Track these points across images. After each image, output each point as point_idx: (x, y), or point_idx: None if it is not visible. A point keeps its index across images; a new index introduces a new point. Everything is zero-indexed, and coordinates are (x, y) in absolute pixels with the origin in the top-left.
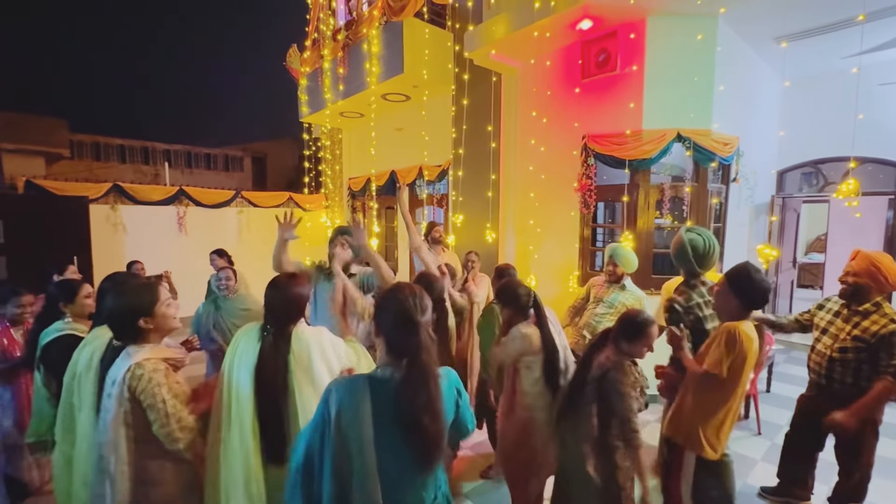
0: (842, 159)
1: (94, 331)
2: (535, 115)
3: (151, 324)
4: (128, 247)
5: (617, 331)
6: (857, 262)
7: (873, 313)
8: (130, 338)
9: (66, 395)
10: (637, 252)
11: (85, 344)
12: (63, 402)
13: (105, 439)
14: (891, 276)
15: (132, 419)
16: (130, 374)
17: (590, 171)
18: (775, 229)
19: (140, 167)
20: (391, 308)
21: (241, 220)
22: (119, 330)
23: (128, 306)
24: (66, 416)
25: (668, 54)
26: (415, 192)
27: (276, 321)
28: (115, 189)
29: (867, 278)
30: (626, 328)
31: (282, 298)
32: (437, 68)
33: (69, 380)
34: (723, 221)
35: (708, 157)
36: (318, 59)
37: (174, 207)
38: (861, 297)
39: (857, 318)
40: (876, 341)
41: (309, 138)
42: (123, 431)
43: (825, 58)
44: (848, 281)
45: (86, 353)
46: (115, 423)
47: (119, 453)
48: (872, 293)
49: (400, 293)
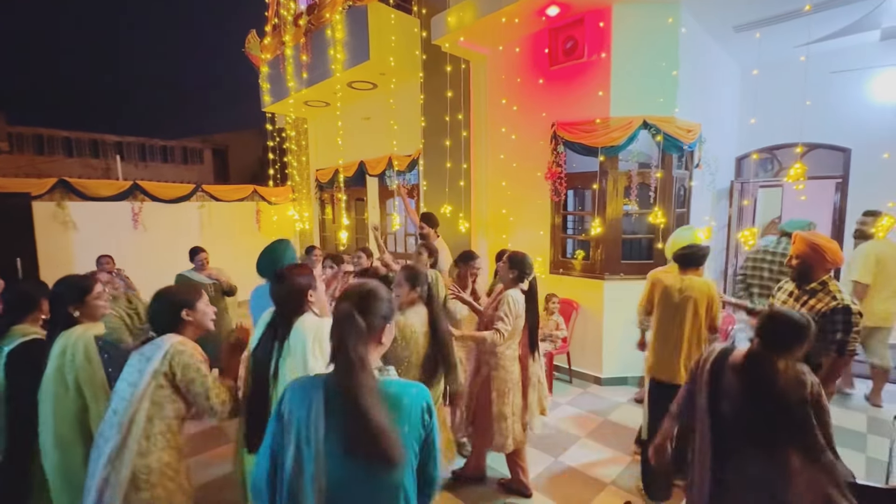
0: (792, 145)
1: (66, 335)
2: (506, 102)
3: (192, 317)
4: (78, 245)
5: (795, 336)
6: (797, 245)
7: (819, 291)
8: (168, 328)
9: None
10: (606, 238)
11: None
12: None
13: (122, 417)
14: (829, 253)
15: (157, 396)
16: (174, 350)
17: (559, 159)
18: (735, 213)
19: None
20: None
21: (203, 215)
22: (162, 324)
23: (174, 300)
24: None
25: (634, 42)
26: (385, 183)
27: (280, 312)
28: (62, 185)
29: (811, 258)
30: (805, 332)
31: (281, 290)
32: (405, 55)
33: (63, 390)
34: (687, 206)
35: (673, 143)
36: (279, 45)
37: (128, 203)
38: (808, 277)
39: (805, 296)
40: (820, 318)
41: (273, 129)
42: (146, 406)
43: (780, 46)
44: (793, 264)
45: (80, 349)
46: (141, 396)
47: (134, 431)
48: (818, 272)
49: (347, 291)
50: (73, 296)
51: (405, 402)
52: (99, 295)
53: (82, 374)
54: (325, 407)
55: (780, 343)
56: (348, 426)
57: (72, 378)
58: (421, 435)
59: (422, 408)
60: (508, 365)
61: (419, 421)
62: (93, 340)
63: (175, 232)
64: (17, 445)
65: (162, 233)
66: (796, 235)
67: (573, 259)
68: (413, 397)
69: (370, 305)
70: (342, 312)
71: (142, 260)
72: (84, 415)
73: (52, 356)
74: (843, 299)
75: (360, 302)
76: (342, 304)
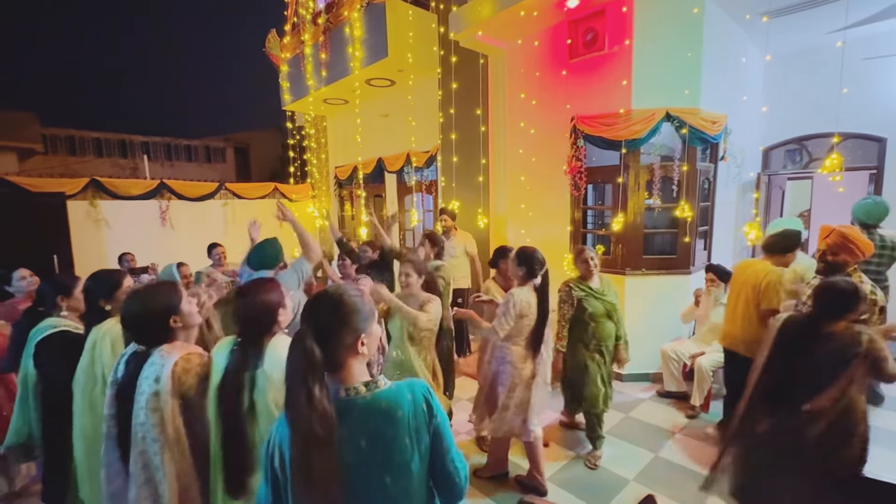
0: (826, 135)
1: (96, 329)
2: (524, 97)
3: (181, 322)
4: (110, 243)
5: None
6: (832, 238)
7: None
8: (159, 340)
9: (84, 398)
10: (627, 233)
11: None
12: (84, 406)
13: (155, 444)
14: (861, 244)
15: (175, 408)
16: (180, 368)
17: (579, 153)
18: (761, 206)
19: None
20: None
21: (227, 213)
22: (148, 332)
23: (158, 307)
24: (92, 418)
25: (656, 32)
26: (403, 180)
27: (246, 332)
28: (93, 184)
29: (844, 253)
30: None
31: (249, 306)
32: (423, 51)
33: (92, 383)
34: (711, 200)
35: (697, 135)
36: (298, 44)
37: (156, 201)
38: (838, 271)
39: None
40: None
41: (293, 127)
42: (180, 422)
43: (810, 33)
44: (827, 259)
45: (108, 343)
46: (171, 416)
47: (182, 446)
48: (848, 265)
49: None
50: (103, 290)
51: (399, 415)
52: (129, 289)
53: (108, 369)
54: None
55: (830, 309)
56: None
57: (100, 371)
58: (426, 439)
59: (422, 411)
60: (517, 362)
61: (423, 423)
62: (121, 334)
63: (200, 229)
64: (51, 435)
65: (188, 230)
66: (831, 230)
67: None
68: (408, 403)
69: (336, 331)
70: (297, 358)
71: (170, 256)
72: None
73: (86, 349)
74: (865, 286)
75: (318, 333)
76: (299, 352)
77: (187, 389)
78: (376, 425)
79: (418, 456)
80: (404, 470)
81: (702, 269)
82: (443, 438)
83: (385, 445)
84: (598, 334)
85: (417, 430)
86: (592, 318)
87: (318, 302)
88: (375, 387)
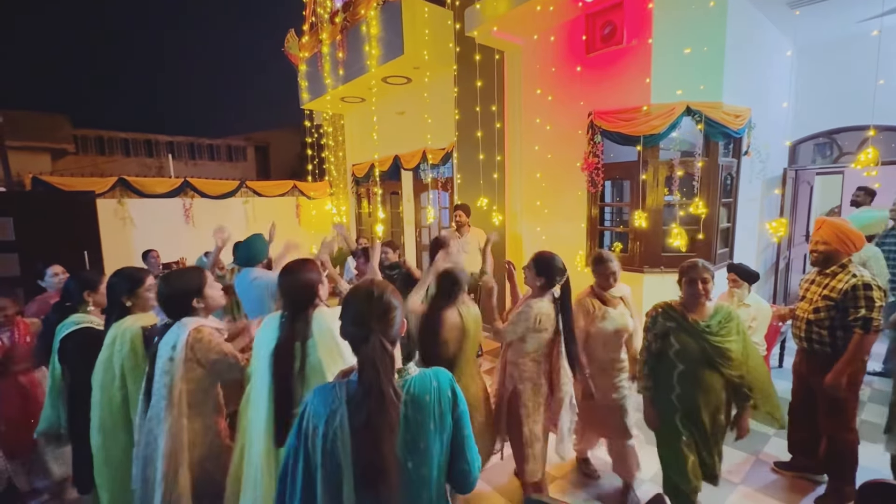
0: (857, 128)
1: (117, 325)
2: (540, 92)
3: (202, 303)
4: (137, 240)
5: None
6: (825, 230)
7: (839, 273)
8: (185, 314)
9: (103, 392)
10: (646, 230)
11: (115, 340)
12: (101, 400)
13: (163, 401)
14: (854, 238)
15: (191, 375)
16: (192, 338)
17: (596, 149)
18: (787, 203)
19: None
20: (349, 308)
21: (248, 211)
22: (174, 309)
23: (184, 288)
24: (109, 412)
25: (677, 24)
26: (419, 177)
27: (292, 306)
28: (121, 183)
29: (836, 244)
30: None
31: (292, 283)
32: (439, 48)
33: (110, 378)
34: (734, 197)
35: (719, 130)
36: (316, 43)
37: (180, 199)
38: (830, 262)
39: (826, 279)
40: (841, 297)
41: (311, 125)
42: (184, 386)
43: (841, 23)
44: (819, 249)
45: (127, 340)
46: (178, 380)
47: (181, 407)
48: (840, 256)
49: (359, 291)
50: (125, 287)
51: (427, 400)
52: (150, 287)
53: (127, 364)
54: (348, 423)
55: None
56: (363, 459)
57: (119, 367)
58: (449, 426)
59: (447, 398)
60: (535, 378)
61: (447, 411)
62: (140, 331)
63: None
64: (77, 426)
65: (210, 227)
66: (823, 222)
67: (611, 252)
68: (434, 391)
69: (389, 321)
70: (371, 346)
71: (193, 253)
72: (127, 404)
73: (105, 344)
74: (862, 276)
75: (381, 323)
76: (364, 332)
77: (200, 357)
78: (406, 410)
79: (440, 443)
80: (426, 456)
81: (723, 267)
82: (463, 427)
83: (412, 429)
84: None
85: (442, 417)
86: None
87: (367, 301)
88: (406, 373)
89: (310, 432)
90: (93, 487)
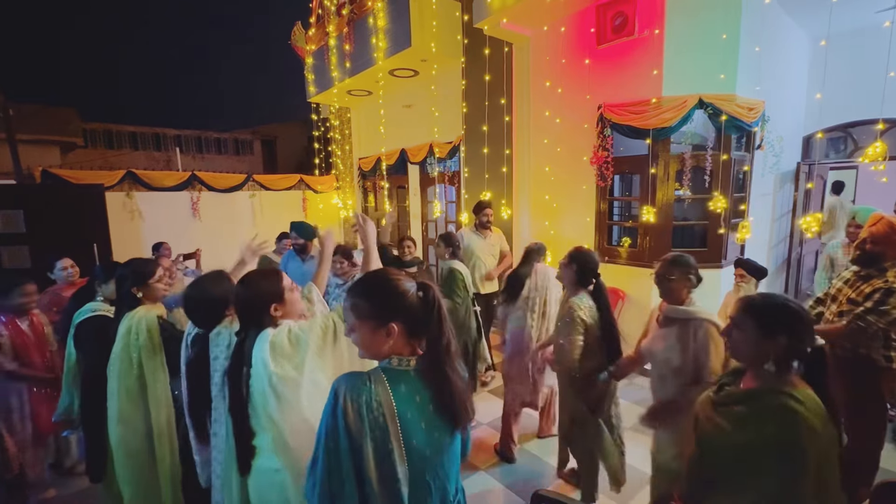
0: (873, 122)
1: (129, 316)
2: (549, 85)
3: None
4: (145, 233)
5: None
6: (879, 227)
7: (875, 277)
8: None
9: (120, 382)
10: (655, 225)
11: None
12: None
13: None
14: None
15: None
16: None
17: (606, 143)
18: (801, 198)
19: (152, 154)
20: (399, 292)
21: (254, 204)
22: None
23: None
24: (128, 401)
25: (690, 14)
26: (426, 171)
27: (241, 323)
28: (130, 176)
29: (884, 244)
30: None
31: (241, 297)
32: (446, 40)
33: (127, 368)
34: (746, 191)
35: (732, 123)
36: (323, 36)
37: (188, 193)
38: (874, 263)
39: (859, 282)
40: (863, 300)
41: (317, 119)
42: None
43: (859, 12)
44: (866, 247)
45: (143, 329)
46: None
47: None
48: (886, 258)
49: (391, 277)
50: (136, 278)
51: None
52: (160, 278)
53: (144, 353)
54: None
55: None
56: (442, 397)
57: (136, 356)
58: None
59: None
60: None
61: None
62: (155, 321)
63: (229, 220)
64: (89, 413)
65: (217, 221)
66: (880, 217)
67: (619, 247)
68: None
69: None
70: (441, 304)
71: (200, 246)
72: (145, 392)
73: (119, 335)
74: (892, 284)
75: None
76: (435, 293)
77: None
78: (425, 392)
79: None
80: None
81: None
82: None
83: (429, 407)
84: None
85: None
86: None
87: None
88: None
89: (348, 408)
90: (104, 476)
